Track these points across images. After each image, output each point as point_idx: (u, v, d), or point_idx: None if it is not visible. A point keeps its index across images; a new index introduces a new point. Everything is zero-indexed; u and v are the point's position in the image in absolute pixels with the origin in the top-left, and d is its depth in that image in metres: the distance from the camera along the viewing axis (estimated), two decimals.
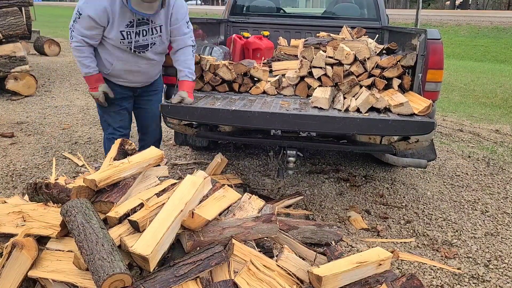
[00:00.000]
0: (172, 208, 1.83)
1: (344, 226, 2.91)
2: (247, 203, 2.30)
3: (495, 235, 2.86)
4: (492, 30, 16.49)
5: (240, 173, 3.71)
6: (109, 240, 1.71)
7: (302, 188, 3.48)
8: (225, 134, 3.16)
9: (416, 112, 2.57)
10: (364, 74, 2.87)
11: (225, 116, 2.63)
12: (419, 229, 2.89)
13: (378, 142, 3.01)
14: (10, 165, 3.73)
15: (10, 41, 6.22)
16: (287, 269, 1.92)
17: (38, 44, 10.53)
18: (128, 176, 2.09)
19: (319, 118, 2.56)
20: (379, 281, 1.89)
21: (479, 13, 24.90)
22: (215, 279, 1.77)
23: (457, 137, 5.08)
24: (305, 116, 2.56)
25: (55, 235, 1.84)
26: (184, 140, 3.84)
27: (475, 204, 3.33)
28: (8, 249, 1.70)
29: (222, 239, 1.91)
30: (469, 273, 2.42)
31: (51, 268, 1.73)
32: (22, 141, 4.35)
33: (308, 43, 3.11)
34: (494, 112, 6.46)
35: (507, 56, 13.21)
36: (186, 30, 2.82)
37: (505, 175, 3.93)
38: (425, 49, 2.69)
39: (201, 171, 2.35)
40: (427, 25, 17.68)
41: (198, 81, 3.11)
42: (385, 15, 4.27)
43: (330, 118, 2.56)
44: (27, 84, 6.32)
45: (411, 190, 3.56)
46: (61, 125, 4.95)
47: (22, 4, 6.85)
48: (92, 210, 1.85)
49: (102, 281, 1.52)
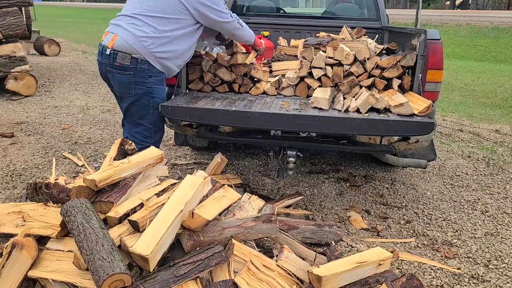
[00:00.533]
0: (172, 208, 1.83)
1: (344, 226, 2.91)
2: (247, 203, 2.30)
3: (495, 235, 2.86)
4: (492, 30, 16.50)
5: (240, 173, 3.72)
6: (109, 240, 1.71)
7: (302, 188, 3.48)
8: (225, 135, 3.17)
9: (416, 113, 2.57)
10: (364, 74, 2.87)
11: (225, 116, 2.63)
12: (419, 229, 2.90)
13: (378, 143, 3.01)
14: (10, 165, 3.73)
15: (10, 41, 6.22)
16: (287, 269, 1.92)
17: (38, 44, 10.53)
18: (128, 176, 2.09)
19: (319, 118, 2.56)
20: (379, 281, 1.90)
21: (479, 13, 24.92)
22: (215, 279, 1.78)
23: (457, 137, 5.08)
24: (305, 116, 2.56)
25: (55, 235, 1.84)
26: (184, 141, 3.84)
27: (475, 204, 3.34)
28: (8, 249, 1.70)
29: (222, 239, 1.92)
30: (469, 273, 2.42)
31: (51, 268, 1.73)
32: (22, 141, 4.35)
33: (308, 44, 3.11)
34: (494, 112, 6.46)
35: (507, 56, 13.22)
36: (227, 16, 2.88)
37: (505, 175, 3.94)
38: (425, 49, 2.69)
39: (201, 171, 2.35)
40: (427, 25, 17.69)
41: (198, 81, 3.11)
42: (385, 15, 4.27)
43: (330, 118, 2.56)
44: (27, 84, 6.33)
45: (411, 190, 3.56)
46: (61, 125, 4.96)
47: (22, 4, 6.85)
48: (92, 210, 1.85)
49: (102, 281, 1.52)
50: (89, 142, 4.39)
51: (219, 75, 3.06)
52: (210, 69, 3.06)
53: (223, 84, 3.10)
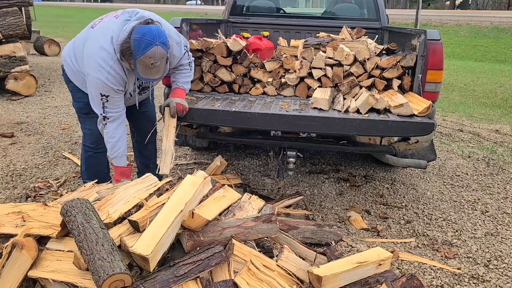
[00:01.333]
0: (172, 208, 1.83)
1: (344, 226, 2.91)
2: (247, 203, 2.30)
3: (495, 235, 2.86)
4: (492, 30, 16.50)
5: (240, 173, 3.72)
6: (109, 240, 1.71)
7: (302, 188, 3.48)
8: (225, 135, 3.17)
9: (416, 113, 2.57)
10: (364, 74, 2.87)
11: (225, 117, 2.63)
12: (419, 229, 2.90)
13: (378, 143, 3.01)
14: (10, 165, 3.73)
15: (10, 41, 6.22)
16: (287, 269, 1.92)
17: (38, 44, 10.53)
18: None
19: (319, 119, 2.56)
20: (379, 281, 1.90)
21: (479, 13, 24.92)
22: (215, 279, 1.78)
23: (457, 137, 5.08)
24: (305, 117, 2.56)
25: (55, 235, 1.84)
26: (184, 141, 3.84)
27: (475, 204, 3.34)
28: (8, 249, 1.70)
29: (222, 239, 1.92)
30: (469, 273, 2.42)
31: (51, 268, 1.73)
32: (22, 141, 4.35)
33: (308, 44, 3.11)
34: (494, 112, 6.46)
35: (507, 56, 13.22)
36: (185, 59, 2.73)
37: (505, 175, 3.94)
38: (425, 49, 2.69)
39: (201, 171, 2.35)
40: (427, 25, 17.69)
41: (198, 82, 3.11)
42: (385, 15, 4.27)
43: (330, 119, 2.56)
44: (27, 84, 6.33)
45: (411, 190, 3.56)
46: (61, 125, 4.96)
47: (22, 4, 6.85)
48: (92, 210, 1.85)
49: (102, 281, 1.53)
50: None
51: (219, 75, 3.06)
52: (210, 69, 3.06)
53: (223, 84, 3.10)
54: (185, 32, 3.04)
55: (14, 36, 6.27)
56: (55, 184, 3.32)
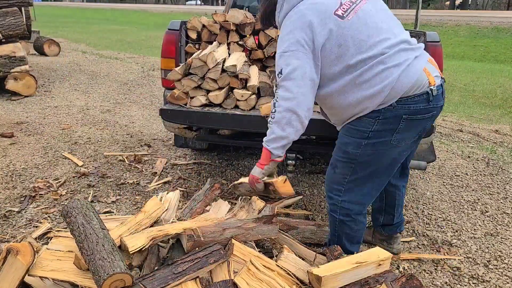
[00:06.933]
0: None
1: None
2: (248, 203, 2.30)
3: (495, 235, 2.86)
4: (492, 30, 16.51)
5: (240, 173, 3.72)
6: (110, 240, 1.71)
7: (302, 188, 3.48)
8: (224, 137, 3.16)
9: None
10: None
11: (224, 120, 2.62)
12: (419, 229, 2.90)
13: None
14: (10, 165, 3.73)
15: (10, 41, 6.22)
16: (287, 269, 1.93)
17: (38, 44, 10.53)
18: None
19: (319, 121, 2.55)
20: (379, 281, 1.90)
21: (478, 13, 24.93)
22: (215, 279, 1.78)
23: (457, 137, 5.08)
24: None
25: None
26: (183, 143, 3.84)
27: (474, 204, 3.34)
28: (3, 255, 1.68)
29: (223, 239, 1.92)
30: (469, 273, 2.42)
31: (51, 267, 1.73)
32: (22, 141, 4.35)
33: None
34: (494, 112, 6.46)
35: (507, 56, 13.22)
36: None
37: (505, 175, 3.94)
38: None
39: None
40: (427, 25, 17.70)
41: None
42: None
43: None
44: (27, 84, 6.32)
45: (410, 190, 3.56)
46: (60, 125, 4.96)
47: (22, 4, 6.85)
48: (93, 211, 1.85)
49: (102, 280, 1.53)
50: (89, 142, 4.39)
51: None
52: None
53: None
54: (184, 34, 3.04)
55: (14, 36, 6.27)
56: (55, 184, 3.33)
